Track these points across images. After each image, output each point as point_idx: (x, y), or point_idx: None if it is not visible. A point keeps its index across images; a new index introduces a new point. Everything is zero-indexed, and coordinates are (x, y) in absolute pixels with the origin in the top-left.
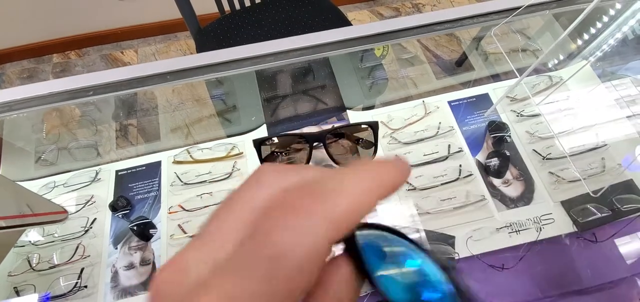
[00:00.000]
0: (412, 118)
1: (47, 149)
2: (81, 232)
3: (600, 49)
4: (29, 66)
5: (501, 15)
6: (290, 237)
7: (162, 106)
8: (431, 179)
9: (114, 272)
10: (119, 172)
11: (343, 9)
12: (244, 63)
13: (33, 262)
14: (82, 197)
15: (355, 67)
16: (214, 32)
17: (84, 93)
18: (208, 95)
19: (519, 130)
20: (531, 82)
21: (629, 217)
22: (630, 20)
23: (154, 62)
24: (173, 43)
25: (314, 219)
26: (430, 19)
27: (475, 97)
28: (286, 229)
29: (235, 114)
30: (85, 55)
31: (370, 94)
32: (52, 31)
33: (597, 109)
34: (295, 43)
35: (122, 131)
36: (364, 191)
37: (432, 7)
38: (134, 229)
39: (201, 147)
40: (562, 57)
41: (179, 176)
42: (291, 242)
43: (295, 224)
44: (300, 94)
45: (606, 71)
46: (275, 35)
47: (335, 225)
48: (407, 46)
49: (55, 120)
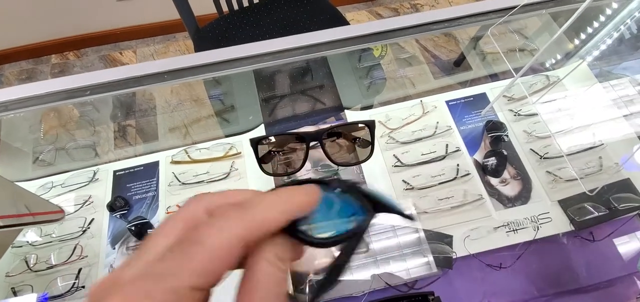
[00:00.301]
0: (410, 118)
1: (45, 149)
2: (79, 233)
3: (597, 48)
4: (27, 67)
5: (498, 15)
6: (209, 231)
7: (160, 106)
8: (429, 179)
9: None
10: (117, 172)
11: (341, 10)
12: (242, 62)
13: (31, 263)
14: (80, 197)
15: (353, 67)
16: (213, 32)
17: (82, 93)
18: (206, 95)
19: (516, 130)
20: (528, 81)
21: (626, 216)
22: (626, 20)
23: (151, 62)
24: (172, 43)
25: (231, 221)
26: (428, 18)
27: (473, 97)
28: (208, 226)
29: (233, 114)
30: (84, 56)
31: (368, 94)
32: (50, 32)
33: (594, 108)
34: (293, 43)
35: (120, 131)
36: (275, 206)
37: (431, 8)
38: (131, 229)
39: (199, 147)
40: (560, 57)
41: (176, 176)
42: (209, 234)
43: (216, 224)
44: (298, 93)
45: (603, 70)
46: (274, 35)
47: (248, 228)
48: (405, 46)
49: (53, 121)
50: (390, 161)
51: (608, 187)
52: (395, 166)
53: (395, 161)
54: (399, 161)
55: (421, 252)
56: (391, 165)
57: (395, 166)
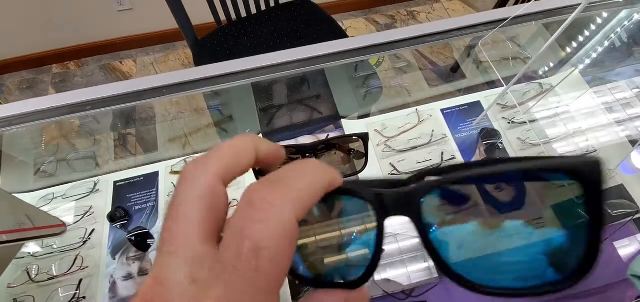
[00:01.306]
0: (405, 126)
1: (46, 160)
2: (80, 244)
3: (588, 56)
4: (28, 77)
5: (489, 27)
6: (261, 228)
7: (160, 116)
8: (415, 165)
9: (112, 283)
10: (117, 183)
11: (339, 17)
12: (241, 76)
13: (32, 274)
14: (81, 208)
15: (349, 76)
16: (211, 43)
17: (83, 107)
18: (205, 105)
19: (510, 137)
20: (522, 89)
21: (621, 221)
22: (616, 29)
23: (152, 77)
24: (171, 52)
25: (278, 204)
26: (423, 31)
27: (468, 105)
28: (256, 222)
29: (232, 124)
30: (85, 66)
31: (364, 103)
32: (51, 42)
33: (586, 115)
34: (292, 56)
35: (121, 141)
36: (317, 173)
37: (427, 14)
38: (132, 239)
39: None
40: (552, 65)
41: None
42: (263, 233)
43: (264, 217)
44: (295, 103)
45: (596, 77)
46: (271, 45)
47: (297, 203)
48: (402, 54)
49: (54, 132)
50: (387, 169)
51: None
52: (391, 174)
53: (391, 169)
54: (396, 169)
55: (421, 258)
56: (388, 173)
57: (391, 174)
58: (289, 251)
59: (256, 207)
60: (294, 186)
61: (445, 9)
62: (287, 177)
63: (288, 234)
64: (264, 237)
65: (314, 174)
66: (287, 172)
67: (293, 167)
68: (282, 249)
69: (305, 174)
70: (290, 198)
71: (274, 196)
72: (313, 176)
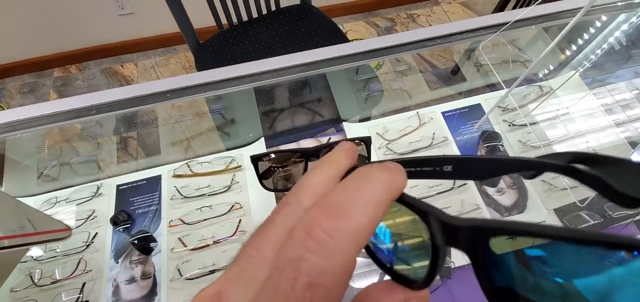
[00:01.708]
0: (406, 129)
1: (49, 164)
2: (83, 247)
3: (588, 59)
4: (29, 81)
5: (489, 31)
6: (320, 263)
7: (162, 120)
8: (426, 189)
9: (115, 287)
10: (120, 186)
11: (339, 20)
12: (243, 80)
13: (35, 278)
14: (84, 212)
15: (350, 80)
16: (213, 46)
17: (87, 112)
18: (207, 109)
19: (511, 140)
20: (522, 92)
21: (621, 223)
22: (615, 32)
23: (154, 82)
24: (172, 56)
25: (340, 240)
26: (422, 35)
27: (468, 108)
28: (316, 255)
29: (234, 128)
30: (86, 69)
31: (366, 106)
32: (52, 46)
33: (586, 116)
34: (293, 60)
35: (123, 144)
36: (379, 199)
37: (427, 17)
38: (134, 243)
39: (200, 161)
40: (553, 68)
41: (178, 190)
42: (322, 268)
43: (325, 251)
44: (297, 107)
45: (595, 80)
46: (272, 48)
47: (360, 237)
48: (403, 57)
49: (57, 136)
50: None
51: None
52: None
53: None
54: None
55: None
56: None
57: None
58: (345, 287)
59: (316, 239)
60: (357, 218)
61: (444, 12)
62: (350, 204)
63: (347, 270)
64: (322, 273)
65: (378, 196)
66: (349, 195)
67: (355, 188)
68: (338, 286)
69: (368, 199)
70: (351, 231)
71: (336, 227)
72: (377, 198)
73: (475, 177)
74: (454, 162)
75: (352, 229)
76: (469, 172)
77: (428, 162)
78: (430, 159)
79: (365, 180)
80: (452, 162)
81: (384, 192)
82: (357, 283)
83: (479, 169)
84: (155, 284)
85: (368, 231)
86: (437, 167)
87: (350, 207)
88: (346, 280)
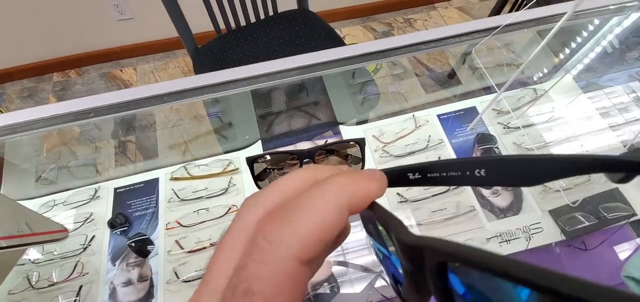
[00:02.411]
0: (402, 131)
1: (48, 168)
2: (80, 250)
3: (581, 61)
4: (29, 85)
5: (484, 34)
6: (258, 269)
7: (160, 123)
8: (422, 191)
9: (112, 289)
10: (118, 189)
11: (337, 25)
12: (240, 83)
13: (33, 280)
14: (81, 214)
15: (347, 83)
16: (211, 51)
17: (85, 115)
18: (205, 112)
19: (506, 142)
20: (517, 95)
21: (617, 224)
22: (608, 35)
23: (152, 85)
24: (171, 60)
25: (279, 245)
26: (418, 38)
27: (464, 111)
28: (255, 261)
29: (231, 131)
30: (85, 74)
31: (362, 109)
32: (52, 51)
33: (581, 119)
34: (290, 63)
35: (121, 148)
36: (329, 205)
37: (424, 22)
38: (132, 245)
39: (198, 164)
40: (546, 71)
41: (176, 192)
42: (258, 275)
43: (263, 257)
44: (294, 110)
45: (589, 82)
46: (270, 53)
47: (301, 245)
48: (399, 61)
49: (56, 139)
50: None
51: (597, 197)
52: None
53: None
54: None
55: None
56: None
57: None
58: (290, 296)
59: (258, 246)
60: (303, 222)
61: (441, 17)
62: (297, 209)
63: (289, 279)
64: (259, 281)
65: (329, 202)
66: (300, 201)
67: (307, 194)
68: (280, 295)
69: (316, 206)
70: (297, 237)
71: (278, 234)
72: (329, 204)
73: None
74: (486, 164)
75: (293, 236)
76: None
77: (454, 166)
78: (458, 162)
79: (320, 187)
80: (485, 165)
81: (337, 198)
82: (348, 288)
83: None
84: (152, 287)
85: (316, 238)
86: (467, 172)
87: (294, 213)
88: (291, 289)
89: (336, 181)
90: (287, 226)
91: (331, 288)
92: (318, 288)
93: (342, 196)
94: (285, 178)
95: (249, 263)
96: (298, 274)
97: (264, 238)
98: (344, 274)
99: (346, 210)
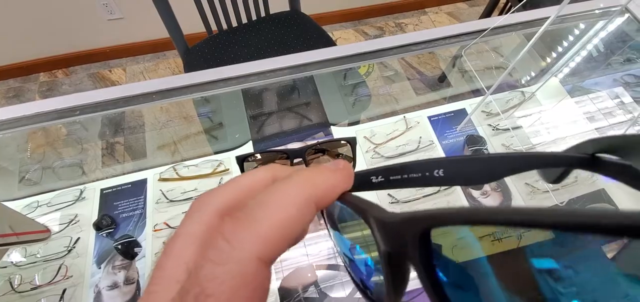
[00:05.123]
0: (393, 133)
1: (31, 168)
2: (64, 252)
3: (567, 65)
4: (15, 85)
5: (473, 36)
6: (213, 270)
7: (149, 124)
8: (413, 192)
9: (97, 293)
10: (104, 190)
11: (329, 28)
12: (231, 82)
13: (15, 284)
14: (66, 216)
15: (339, 84)
16: (202, 51)
17: (70, 113)
18: (195, 113)
19: (495, 143)
20: (505, 97)
21: None
22: (593, 39)
23: (141, 82)
24: (162, 61)
25: (238, 244)
26: (409, 39)
27: (453, 112)
28: (211, 262)
29: (222, 131)
30: (73, 74)
31: (353, 110)
32: (39, 50)
33: (568, 122)
34: (281, 63)
35: (108, 149)
36: (291, 200)
37: (415, 26)
38: (118, 247)
39: (187, 164)
40: (534, 74)
41: (164, 193)
42: (213, 276)
43: (220, 258)
44: (285, 111)
45: (576, 86)
46: (261, 55)
47: (262, 244)
48: (390, 64)
49: (41, 139)
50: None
51: (583, 198)
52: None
53: None
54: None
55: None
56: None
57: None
58: (250, 300)
59: (216, 246)
60: (263, 220)
61: (431, 21)
62: (258, 207)
63: (247, 281)
64: (214, 283)
65: (291, 198)
66: (261, 198)
67: (269, 191)
68: (236, 298)
69: (278, 202)
70: (256, 237)
71: (236, 234)
72: (291, 200)
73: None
74: (444, 164)
75: (254, 234)
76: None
77: (416, 168)
78: (418, 164)
79: (282, 182)
80: (443, 165)
81: (300, 192)
82: (339, 292)
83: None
84: (138, 290)
85: (279, 235)
86: (427, 173)
87: (256, 210)
88: (251, 292)
89: (299, 175)
90: (248, 223)
91: (319, 292)
92: (304, 292)
93: (305, 188)
94: (241, 176)
95: (205, 265)
96: (258, 274)
97: (222, 237)
98: (334, 277)
99: (312, 204)
